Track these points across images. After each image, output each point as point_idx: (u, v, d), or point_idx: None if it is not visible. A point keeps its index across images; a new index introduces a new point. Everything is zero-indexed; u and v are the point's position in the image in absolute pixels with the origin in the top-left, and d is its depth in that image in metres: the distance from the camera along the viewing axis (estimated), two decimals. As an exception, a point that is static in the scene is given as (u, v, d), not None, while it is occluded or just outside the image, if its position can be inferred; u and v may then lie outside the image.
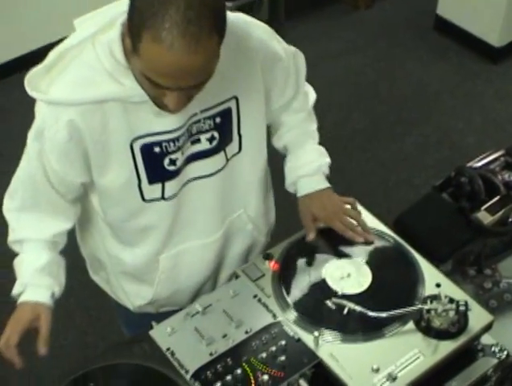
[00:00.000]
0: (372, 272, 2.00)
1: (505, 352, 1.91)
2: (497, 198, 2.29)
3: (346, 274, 2.00)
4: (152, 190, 1.93)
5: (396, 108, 4.70)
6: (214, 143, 1.95)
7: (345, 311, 1.88)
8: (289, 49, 2.08)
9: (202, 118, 1.89)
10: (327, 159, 2.23)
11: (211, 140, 1.94)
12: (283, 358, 1.82)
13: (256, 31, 1.94)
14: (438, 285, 1.95)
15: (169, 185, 1.94)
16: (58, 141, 1.81)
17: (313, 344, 1.84)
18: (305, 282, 2.00)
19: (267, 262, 2.06)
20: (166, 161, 1.88)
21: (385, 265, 2.04)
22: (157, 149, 1.86)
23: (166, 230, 2.03)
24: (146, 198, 1.94)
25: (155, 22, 1.53)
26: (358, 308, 1.87)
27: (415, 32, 5.28)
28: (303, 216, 2.17)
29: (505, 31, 4.83)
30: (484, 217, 2.25)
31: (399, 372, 1.77)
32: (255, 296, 1.97)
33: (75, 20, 1.82)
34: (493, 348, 1.92)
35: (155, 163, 1.88)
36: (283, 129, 2.23)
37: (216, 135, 1.94)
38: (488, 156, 2.46)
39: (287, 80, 2.08)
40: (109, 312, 2.46)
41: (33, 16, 4.77)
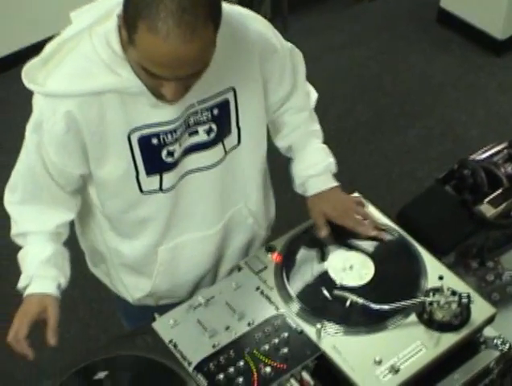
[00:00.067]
0: (375, 264, 2.00)
1: (507, 345, 1.91)
2: (499, 190, 2.29)
3: (349, 266, 2.00)
4: (150, 181, 1.93)
5: (399, 100, 4.69)
6: (212, 135, 1.95)
7: (348, 303, 1.89)
8: (285, 44, 2.07)
9: (199, 110, 1.89)
10: (332, 158, 2.23)
11: (209, 132, 1.94)
12: (286, 350, 1.82)
13: (252, 23, 1.94)
14: (440, 278, 1.95)
15: (167, 177, 1.93)
16: (56, 133, 1.81)
17: (316, 336, 1.84)
18: (308, 274, 2.00)
19: (270, 254, 2.06)
20: (163, 152, 1.88)
21: (387, 258, 2.04)
22: (155, 140, 1.86)
23: (164, 222, 2.03)
24: (144, 190, 1.94)
25: (150, 12, 1.53)
26: (361, 300, 1.88)
27: (418, 24, 5.27)
28: (314, 215, 2.16)
29: (508, 24, 4.82)
30: (486, 210, 2.25)
31: (402, 364, 1.78)
32: (258, 288, 1.97)
33: (71, 13, 1.82)
34: (496, 341, 1.92)
35: (153, 155, 1.88)
36: (287, 130, 2.23)
37: (213, 127, 1.94)
38: (491, 148, 2.46)
39: (283, 73, 2.07)
40: (112, 305, 2.47)
41: (33, 9, 4.77)
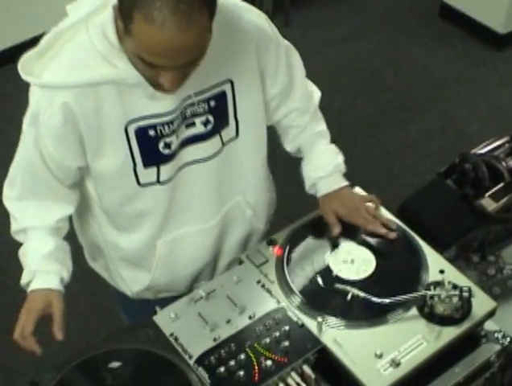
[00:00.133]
0: (376, 258, 2.00)
1: (508, 338, 1.91)
2: (501, 184, 2.29)
3: (350, 259, 2.00)
4: (147, 174, 1.93)
5: (401, 94, 4.69)
6: (209, 127, 1.95)
7: (349, 297, 1.89)
8: (282, 39, 2.06)
9: (196, 101, 1.88)
10: (341, 157, 2.23)
11: (206, 123, 1.94)
12: (287, 343, 1.82)
13: (247, 14, 1.93)
14: (441, 272, 1.95)
15: (164, 169, 1.93)
16: (53, 125, 1.81)
17: (317, 330, 1.85)
18: (309, 268, 2.00)
19: (271, 248, 2.06)
20: (160, 144, 1.88)
21: (389, 251, 2.04)
22: (151, 132, 1.86)
23: (162, 215, 2.03)
24: (141, 182, 1.94)
25: (145, 1, 1.53)
26: (362, 294, 1.88)
27: (420, 18, 5.26)
28: (326, 214, 2.16)
29: (509, 18, 4.81)
30: (488, 204, 2.25)
31: (403, 358, 1.78)
32: (259, 281, 1.97)
33: (67, 6, 1.82)
34: (496, 334, 1.92)
35: (150, 146, 1.88)
36: (292, 133, 2.22)
37: (210, 119, 1.94)
38: (492, 142, 2.46)
39: (278, 65, 2.05)
40: (112, 298, 2.47)
41: (32, 3, 4.76)
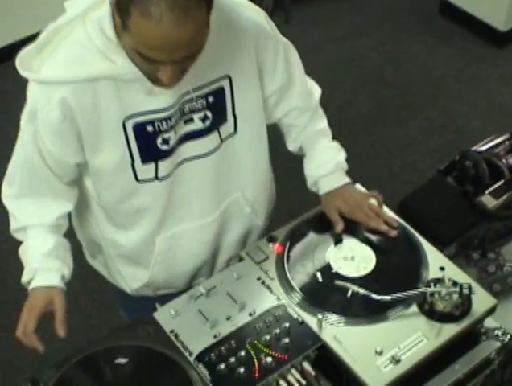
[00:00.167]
0: (376, 255, 2.01)
1: (508, 336, 1.92)
2: (501, 182, 2.29)
3: (350, 256, 2.00)
4: (146, 170, 1.93)
5: (401, 92, 4.68)
6: (207, 123, 1.95)
7: (349, 294, 1.89)
8: (280, 36, 2.06)
9: (194, 97, 1.88)
10: (343, 154, 2.24)
11: (204, 119, 1.94)
12: (287, 340, 1.82)
13: (245, 11, 1.93)
14: (442, 269, 1.96)
15: (162, 165, 1.93)
16: (51, 121, 1.81)
17: (317, 327, 1.85)
18: (309, 265, 2.00)
19: (271, 245, 2.06)
20: (159, 140, 1.88)
21: (389, 248, 2.04)
22: (149, 128, 1.86)
23: (160, 211, 2.02)
24: (139, 178, 1.94)
25: None
26: (362, 291, 1.88)
27: (420, 16, 5.25)
28: (328, 212, 2.16)
29: (510, 15, 4.80)
30: (488, 201, 2.25)
31: (403, 355, 1.78)
32: (259, 278, 1.98)
33: (65, 2, 1.82)
34: (497, 331, 1.93)
35: (148, 142, 1.88)
36: (295, 132, 2.23)
37: (209, 114, 1.94)
38: (492, 140, 2.46)
39: (276, 61, 2.04)
40: (112, 296, 2.47)
41: (33, 0, 4.76)
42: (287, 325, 1.85)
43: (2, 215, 2.08)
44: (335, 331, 1.84)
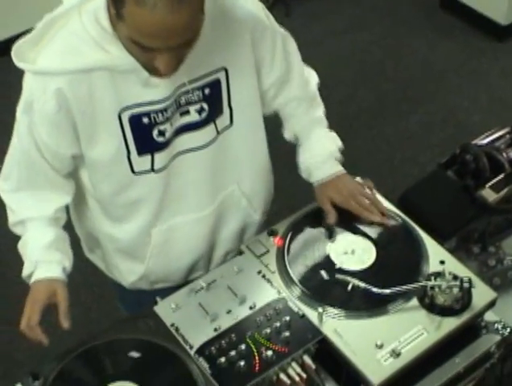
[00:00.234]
0: (376, 248, 2.01)
1: (508, 329, 1.91)
2: (501, 175, 2.29)
3: (351, 250, 2.00)
4: (142, 161, 1.93)
5: (402, 86, 4.68)
6: (203, 115, 1.95)
7: (349, 287, 1.89)
8: (278, 27, 2.06)
9: (191, 89, 1.88)
10: (338, 143, 2.22)
11: (200, 111, 1.94)
12: (287, 334, 1.82)
13: (242, 2, 1.93)
14: (442, 262, 1.96)
15: (158, 157, 1.93)
16: (47, 112, 1.81)
17: (317, 320, 1.85)
18: (310, 259, 2.00)
19: (272, 238, 2.06)
20: (155, 132, 1.88)
21: (389, 242, 2.04)
22: (145, 119, 1.86)
23: (156, 203, 2.02)
24: (135, 170, 1.94)
25: None
26: (362, 284, 1.88)
27: (421, 10, 5.25)
28: (321, 202, 2.15)
29: (511, 9, 4.80)
30: (488, 195, 2.25)
31: (403, 348, 1.78)
32: (259, 272, 1.98)
33: None
34: (497, 325, 1.92)
35: (144, 134, 1.88)
36: (290, 120, 2.23)
37: (205, 106, 1.94)
38: (493, 134, 2.45)
39: (275, 53, 2.05)
40: (112, 289, 2.47)
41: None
42: (288, 318, 1.85)
43: (0, 209, 2.08)
44: (335, 325, 1.84)
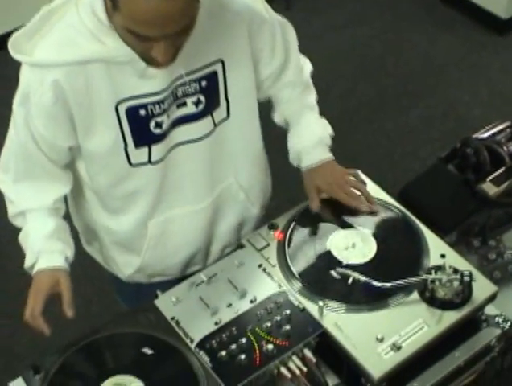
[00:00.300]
0: (377, 242, 2.00)
1: (508, 323, 1.92)
2: (502, 169, 2.29)
3: (351, 244, 2.00)
4: (139, 153, 1.93)
5: (402, 80, 4.67)
6: (200, 107, 1.94)
7: (350, 281, 1.89)
8: (276, 16, 2.06)
9: (187, 81, 1.88)
10: (328, 130, 2.22)
11: (197, 103, 1.93)
12: (288, 327, 1.82)
13: None
14: (442, 256, 1.96)
15: (156, 149, 1.93)
16: (44, 104, 1.81)
17: (318, 314, 1.85)
18: (310, 252, 2.00)
19: (272, 232, 2.06)
20: (152, 124, 1.88)
21: (390, 236, 2.04)
22: (142, 111, 1.86)
23: (154, 195, 2.02)
24: (132, 162, 1.94)
25: None
26: (363, 278, 1.88)
27: (421, 4, 5.24)
28: (307, 188, 2.17)
29: (511, 3, 4.80)
30: (489, 188, 2.25)
31: (403, 342, 1.78)
32: (260, 265, 1.98)
33: None
34: (497, 319, 1.93)
35: (141, 126, 1.88)
36: (282, 105, 2.22)
37: (202, 98, 1.94)
38: (494, 127, 2.46)
39: (274, 45, 2.05)
40: (112, 282, 2.48)
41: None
42: (288, 312, 1.86)
43: (0, 201, 2.08)
44: (336, 318, 1.84)
